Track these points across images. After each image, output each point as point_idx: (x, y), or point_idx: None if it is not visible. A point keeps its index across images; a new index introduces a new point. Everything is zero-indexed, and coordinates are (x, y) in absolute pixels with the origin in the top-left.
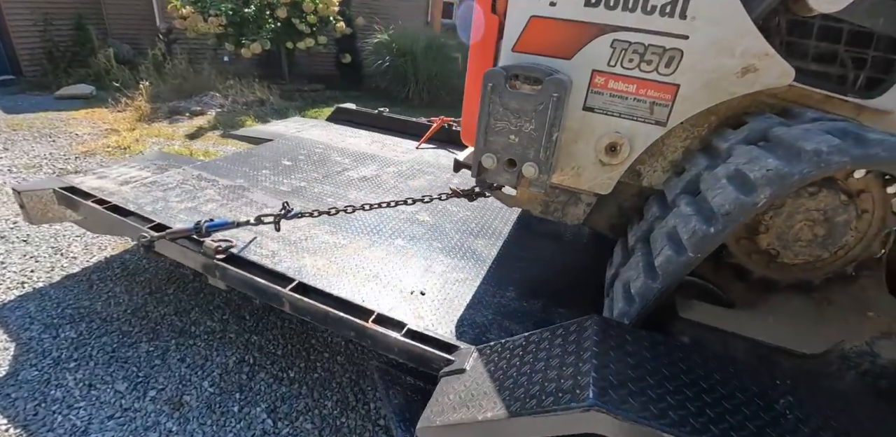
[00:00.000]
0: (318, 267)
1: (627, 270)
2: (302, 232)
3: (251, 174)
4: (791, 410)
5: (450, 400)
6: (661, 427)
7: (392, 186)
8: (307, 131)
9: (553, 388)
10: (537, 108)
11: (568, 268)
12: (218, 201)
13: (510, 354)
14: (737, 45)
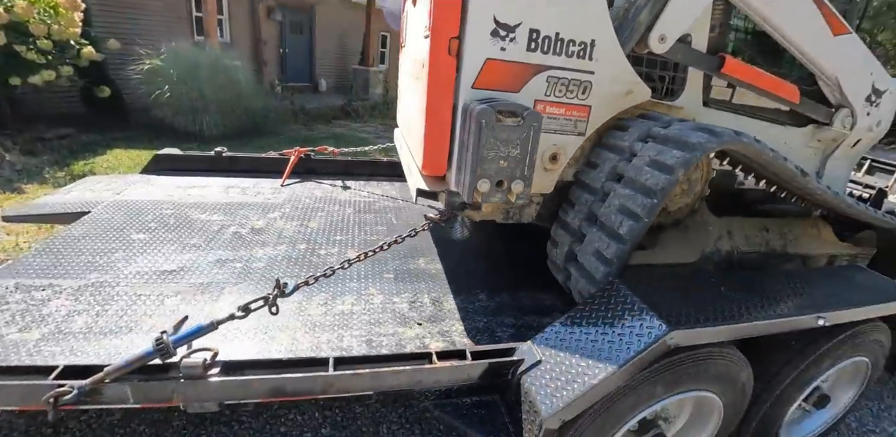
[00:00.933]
0: (317, 336)
1: (590, 243)
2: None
3: (101, 263)
4: (714, 286)
5: (554, 385)
6: (708, 324)
7: (296, 232)
8: (129, 192)
9: (630, 335)
10: (521, 136)
11: (501, 260)
12: (86, 312)
13: (567, 333)
14: (621, 77)
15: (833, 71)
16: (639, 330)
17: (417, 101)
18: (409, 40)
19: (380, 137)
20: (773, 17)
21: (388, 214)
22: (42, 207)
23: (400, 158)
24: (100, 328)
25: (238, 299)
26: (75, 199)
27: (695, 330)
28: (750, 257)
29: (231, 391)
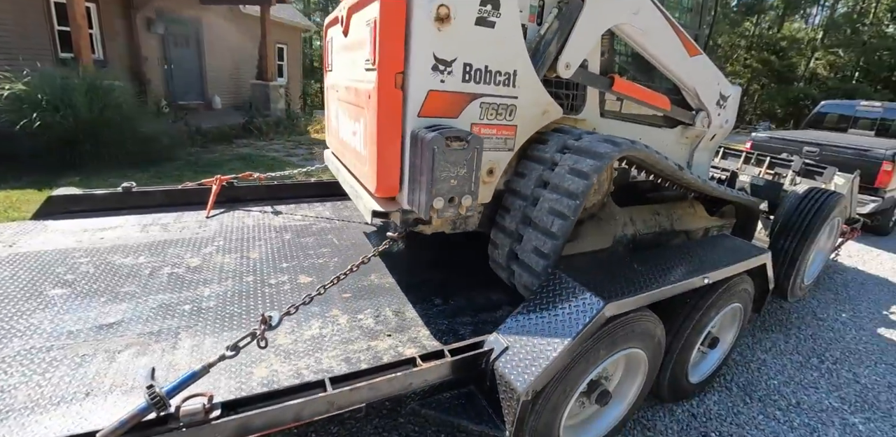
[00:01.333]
0: (295, 364)
1: (528, 242)
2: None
3: (21, 327)
4: (628, 264)
5: (523, 365)
6: (631, 294)
7: (239, 264)
8: (25, 242)
9: (576, 312)
10: (467, 157)
11: (445, 267)
12: (24, 384)
13: (525, 320)
14: (539, 100)
15: (692, 83)
16: (582, 307)
17: (363, 129)
18: (340, 67)
19: (291, 156)
20: (647, 44)
21: (328, 236)
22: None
23: (337, 178)
24: (48, 399)
25: (199, 342)
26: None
27: (622, 300)
28: (648, 237)
29: (239, 429)
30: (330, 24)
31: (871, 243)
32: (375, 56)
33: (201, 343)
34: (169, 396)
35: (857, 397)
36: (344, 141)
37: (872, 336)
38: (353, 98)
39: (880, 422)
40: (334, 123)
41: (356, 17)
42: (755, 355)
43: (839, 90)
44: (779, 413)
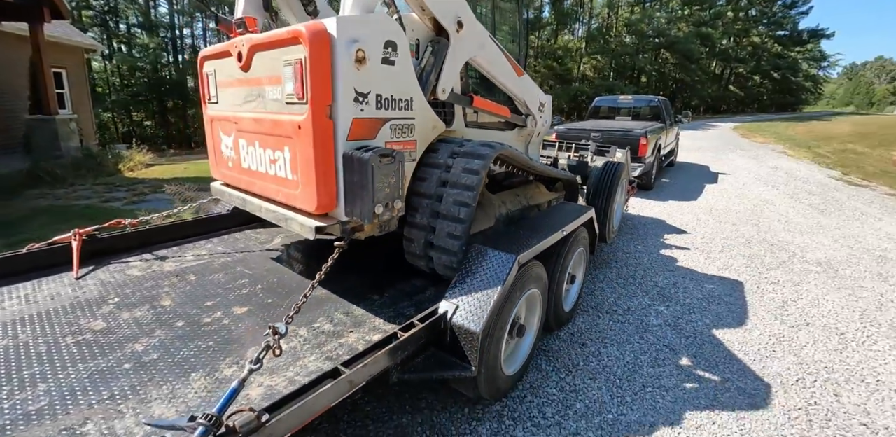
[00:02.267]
0: (286, 374)
1: (441, 230)
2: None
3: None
4: (514, 232)
5: (473, 314)
6: (527, 249)
7: (157, 314)
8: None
9: (498, 268)
10: (395, 169)
11: (364, 268)
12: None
13: (463, 285)
14: (429, 118)
15: (522, 96)
16: (500, 263)
17: (289, 156)
18: (234, 99)
19: (110, 201)
20: (491, 69)
21: (237, 268)
22: None
23: (242, 208)
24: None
25: (170, 389)
26: None
27: (525, 252)
28: (516, 213)
29: (287, 425)
30: (211, 57)
31: (643, 196)
32: (305, 92)
33: (173, 389)
34: (221, 414)
35: (659, 294)
36: (253, 170)
37: (658, 257)
38: (271, 129)
39: (675, 306)
40: (229, 154)
41: (263, 54)
42: (595, 285)
43: (602, 86)
44: (620, 317)
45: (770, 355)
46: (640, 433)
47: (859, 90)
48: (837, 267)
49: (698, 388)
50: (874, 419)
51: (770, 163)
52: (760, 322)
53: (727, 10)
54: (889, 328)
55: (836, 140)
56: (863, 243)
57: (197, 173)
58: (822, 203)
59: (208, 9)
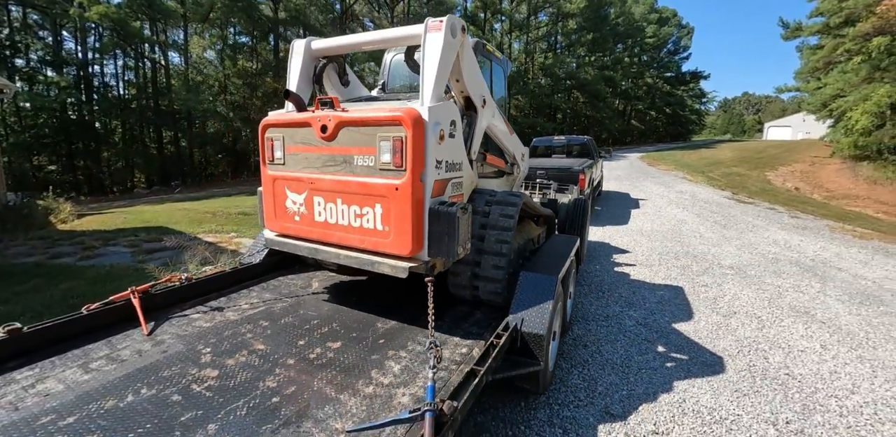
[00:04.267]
0: (418, 387)
1: (486, 264)
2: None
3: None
4: (538, 258)
5: (535, 321)
6: (559, 270)
7: (259, 358)
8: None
9: (544, 287)
10: (467, 219)
11: (406, 298)
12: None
13: (519, 303)
14: (470, 175)
15: (512, 150)
16: (548, 283)
17: (381, 211)
18: (310, 163)
19: (57, 257)
20: (497, 132)
21: (300, 311)
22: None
23: (314, 256)
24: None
25: (334, 409)
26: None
27: (560, 274)
28: (521, 245)
29: (464, 409)
30: (278, 125)
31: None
32: (404, 161)
33: (335, 408)
34: (432, 403)
35: (626, 303)
36: (331, 223)
37: (615, 274)
38: (359, 189)
39: (640, 310)
40: (297, 209)
41: (351, 129)
42: (577, 300)
43: (525, 123)
44: (604, 323)
45: (715, 337)
46: (649, 400)
47: (733, 120)
48: (745, 269)
49: (675, 365)
50: (791, 370)
51: (676, 187)
52: (702, 315)
53: (624, 56)
54: (789, 310)
55: (723, 165)
56: (759, 249)
57: (142, 223)
58: (723, 219)
59: (130, 46)
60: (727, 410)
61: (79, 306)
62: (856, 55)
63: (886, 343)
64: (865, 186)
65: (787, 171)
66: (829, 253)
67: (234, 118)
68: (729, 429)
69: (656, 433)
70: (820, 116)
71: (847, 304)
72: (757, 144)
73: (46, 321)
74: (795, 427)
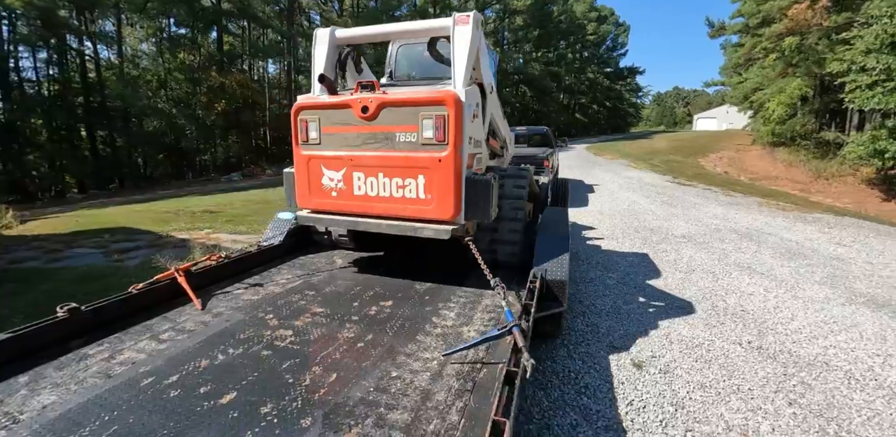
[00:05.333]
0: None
1: (503, 230)
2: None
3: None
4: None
5: (558, 272)
6: (567, 230)
7: (325, 318)
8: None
9: (559, 243)
10: (497, 186)
11: (432, 263)
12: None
13: (540, 257)
14: (486, 152)
15: (504, 134)
16: (562, 241)
17: (423, 182)
18: (349, 141)
19: (22, 261)
20: (496, 117)
21: (338, 281)
22: None
23: (354, 228)
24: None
25: (417, 346)
26: None
27: (568, 234)
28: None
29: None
30: (313, 107)
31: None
32: (446, 136)
33: (418, 345)
34: (516, 321)
35: (604, 267)
36: (371, 196)
37: (589, 245)
38: (402, 163)
39: (617, 272)
40: (334, 185)
41: (393, 109)
42: None
43: None
44: (590, 284)
45: (682, 288)
46: (641, 335)
47: (665, 113)
48: (694, 238)
49: (656, 310)
50: (745, 307)
51: (624, 174)
52: (668, 273)
53: (568, 52)
54: (735, 266)
55: (661, 153)
56: (703, 222)
57: (99, 225)
58: (669, 199)
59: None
60: (703, 337)
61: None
62: (771, 53)
63: (812, 285)
64: (783, 168)
65: (716, 157)
66: (759, 223)
67: (178, 115)
68: (707, 349)
69: (654, 357)
70: (742, 107)
71: (779, 259)
72: (688, 134)
73: (100, 301)
74: (755, 345)
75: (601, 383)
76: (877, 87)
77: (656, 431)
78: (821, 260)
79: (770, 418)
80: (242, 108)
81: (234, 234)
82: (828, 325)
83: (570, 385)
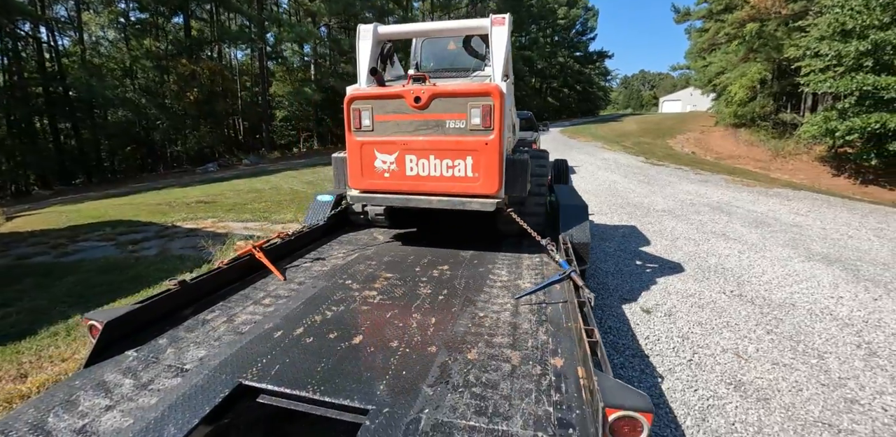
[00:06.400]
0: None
1: (530, 203)
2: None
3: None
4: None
5: (580, 235)
6: (582, 200)
7: (390, 283)
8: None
9: (580, 211)
10: (530, 165)
11: (468, 236)
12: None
13: (566, 227)
14: (515, 137)
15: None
16: (580, 209)
17: (471, 162)
18: (400, 128)
19: (30, 257)
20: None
21: (390, 253)
22: None
23: (406, 206)
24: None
25: (489, 296)
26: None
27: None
28: None
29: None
30: (366, 97)
31: None
32: (492, 123)
33: (496, 295)
34: (569, 268)
35: (600, 238)
36: (423, 176)
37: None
38: (453, 146)
39: (613, 242)
40: (387, 167)
41: (443, 99)
42: None
43: None
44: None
45: (670, 252)
46: (644, 290)
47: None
48: (673, 211)
49: (652, 270)
50: (724, 266)
51: (599, 156)
52: (656, 241)
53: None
54: (711, 234)
55: (632, 135)
56: (678, 197)
57: (94, 219)
58: (645, 178)
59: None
60: (694, 289)
61: (105, 294)
62: (734, 39)
63: (776, 247)
64: (745, 147)
65: (683, 138)
66: (728, 197)
67: (148, 105)
68: (699, 298)
69: (658, 305)
70: (705, 90)
71: (748, 227)
72: (654, 116)
73: (202, 274)
74: (736, 293)
75: (621, 325)
76: (828, 71)
77: (670, 355)
78: (783, 227)
79: (754, 342)
80: (215, 96)
81: (242, 222)
82: (791, 277)
83: (598, 328)
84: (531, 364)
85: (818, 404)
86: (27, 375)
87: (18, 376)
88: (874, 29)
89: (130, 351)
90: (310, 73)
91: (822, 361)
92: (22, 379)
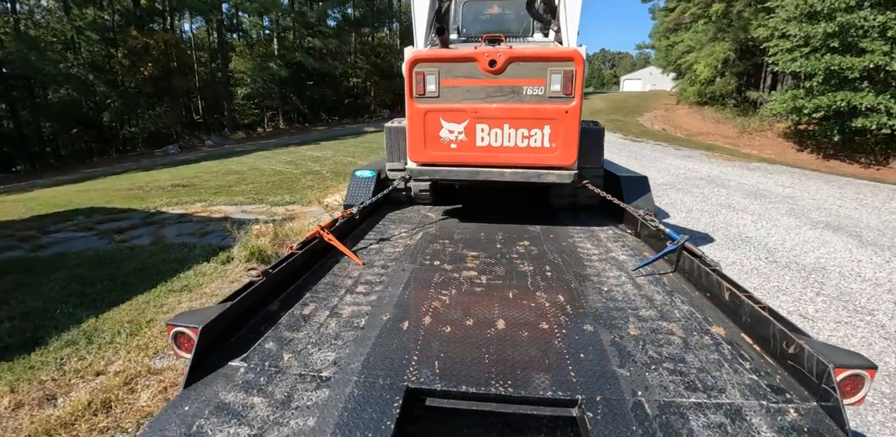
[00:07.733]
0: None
1: (587, 174)
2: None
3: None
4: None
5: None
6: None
7: (481, 262)
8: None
9: (642, 182)
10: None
11: (496, 215)
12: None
13: (629, 200)
14: None
15: None
16: (642, 180)
17: (549, 131)
18: (471, 94)
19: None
20: None
21: (457, 230)
22: None
23: (474, 178)
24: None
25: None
26: None
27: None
28: None
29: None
30: (432, 60)
31: None
32: (573, 90)
33: (592, 265)
34: (680, 238)
35: None
36: (495, 146)
37: None
38: (529, 114)
39: None
40: (454, 137)
41: (521, 64)
42: None
43: None
44: None
45: (693, 224)
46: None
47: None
48: (674, 185)
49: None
50: (747, 235)
51: None
52: (674, 213)
53: None
54: (719, 206)
55: (603, 113)
56: (671, 172)
57: (58, 207)
58: (632, 154)
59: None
60: (733, 257)
61: (114, 291)
62: (699, 18)
63: (782, 217)
64: (712, 124)
65: (650, 116)
66: (715, 171)
67: (96, 82)
68: (741, 265)
69: None
70: (667, 69)
71: (748, 199)
72: (619, 95)
73: (280, 262)
74: (771, 260)
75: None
76: (795, 51)
77: None
78: (778, 199)
79: (811, 303)
80: (171, 72)
81: (236, 205)
82: (808, 243)
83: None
84: (697, 335)
85: (891, 355)
86: (55, 396)
87: (45, 398)
88: (840, 11)
89: (235, 361)
90: (272, 47)
91: (874, 317)
92: (50, 402)
